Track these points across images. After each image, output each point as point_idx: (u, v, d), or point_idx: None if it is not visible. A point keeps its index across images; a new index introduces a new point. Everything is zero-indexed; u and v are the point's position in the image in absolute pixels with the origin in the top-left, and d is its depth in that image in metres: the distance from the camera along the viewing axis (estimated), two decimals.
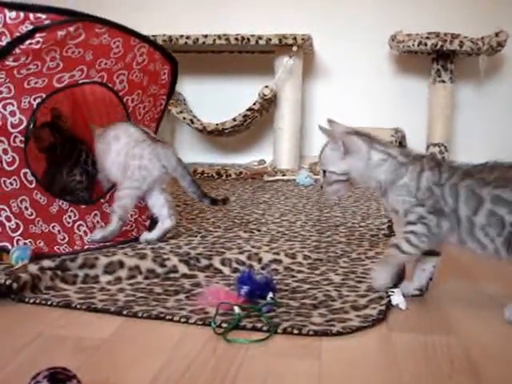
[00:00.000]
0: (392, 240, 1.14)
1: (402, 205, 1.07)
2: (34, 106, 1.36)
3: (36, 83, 1.33)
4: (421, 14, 2.97)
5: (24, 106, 1.34)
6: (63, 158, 1.73)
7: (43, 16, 1.27)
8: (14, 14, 1.25)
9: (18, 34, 1.24)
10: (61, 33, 1.28)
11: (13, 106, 1.32)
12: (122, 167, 1.47)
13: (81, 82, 1.43)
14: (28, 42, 1.25)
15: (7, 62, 1.25)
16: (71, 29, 1.30)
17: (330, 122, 1.16)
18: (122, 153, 1.47)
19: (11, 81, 1.29)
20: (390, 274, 1.10)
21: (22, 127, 1.34)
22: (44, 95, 1.37)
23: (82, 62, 1.39)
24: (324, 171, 1.12)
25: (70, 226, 1.45)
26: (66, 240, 1.42)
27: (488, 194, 0.99)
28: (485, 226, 1.00)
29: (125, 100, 1.56)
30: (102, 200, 1.59)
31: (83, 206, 1.52)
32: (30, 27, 1.25)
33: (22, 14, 1.25)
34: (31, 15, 1.26)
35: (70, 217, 1.47)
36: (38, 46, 1.26)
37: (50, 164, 1.75)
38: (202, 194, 1.51)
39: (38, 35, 1.25)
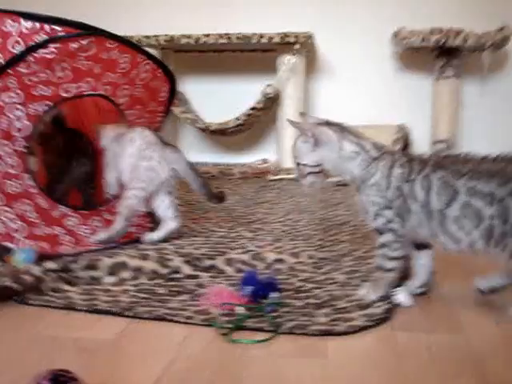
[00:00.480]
0: (374, 262, 1.12)
1: (372, 206, 1.07)
2: (41, 114, 1.38)
3: (44, 91, 1.35)
4: (424, 10, 2.95)
5: (31, 113, 1.36)
6: (68, 149, 1.74)
7: (58, 28, 1.30)
8: (29, 24, 1.28)
9: (31, 44, 1.27)
10: (73, 45, 1.32)
11: (21, 111, 1.34)
12: (132, 168, 1.49)
13: (87, 93, 1.46)
14: (41, 51, 1.27)
15: (19, 68, 1.28)
16: (84, 42, 1.33)
17: (302, 114, 1.16)
18: (134, 155, 1.49)
19: (21, 87, 1.31)
20: (384, 292, 1.09)
21: (26, 133, 1.36)
22: (51, 104, 1.39)
23: (90, 75, 1.42)
24: (298, 164, 1.12)
25: (73, 228, 1.47)
26: (70, 240, 1.43)
27: (463, 186, 0.98)
28: (459, 218, 0.98)
29: (125, 113, 1.58)
30: (101, 208, 1.59)
31: (84, 212, 1.53)
32: (45, 37, 1.28)
33: (37, 25, 1.28)
34: (47, 26, 1.29)
35: (72, 221, 1.48)
36: (51, 56, 1.29)
37: (56, 159, 1.76)
38: (211, 196, 1.55)
39: (51, 45, 1.28)
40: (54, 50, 1.29)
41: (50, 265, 1.19)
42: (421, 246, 1.11)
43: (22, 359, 0.86)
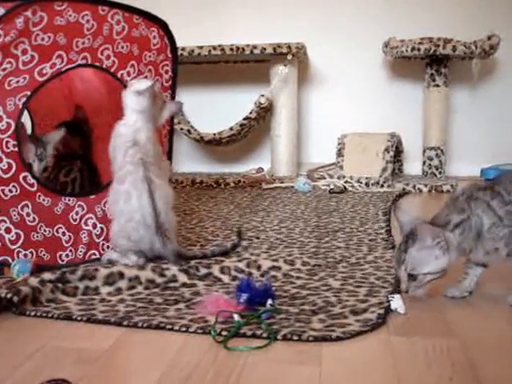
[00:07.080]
0: None
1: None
2: (20, 106, 1.31)
3: (17, 82, 1.29)
4: (414, 20, 3.00)
5: (10, 109, 1.29)
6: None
7: None
8: None
9: None
10: (19, 20, 1.25)
11: None
12: None
13: (64, 69, 1.36)
14: None
15: None
16: (29, 14, 1.26)
17: (398, 209, 1.13)
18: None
19: None
20: None
21: (11, 131, 1.30)
22: (29, 92, 1.32)
23: (58, 48, 1.34)
24: (412, 275, 1.05)
25: (76, 223, 1.41)
26: (70, 242, 1.39)
27: None
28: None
29: (119, 75, 1.47)
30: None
31: (92, 197, 1.45)
32: None
33: None
34: None
35: (77, 213, 1.41)
36: (0, 40, 1.24)
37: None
38: None
39: None
40: (1, 32, 1.23)
41: (47, 275, 1.19)
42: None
43: (20, 370, 0.86)
